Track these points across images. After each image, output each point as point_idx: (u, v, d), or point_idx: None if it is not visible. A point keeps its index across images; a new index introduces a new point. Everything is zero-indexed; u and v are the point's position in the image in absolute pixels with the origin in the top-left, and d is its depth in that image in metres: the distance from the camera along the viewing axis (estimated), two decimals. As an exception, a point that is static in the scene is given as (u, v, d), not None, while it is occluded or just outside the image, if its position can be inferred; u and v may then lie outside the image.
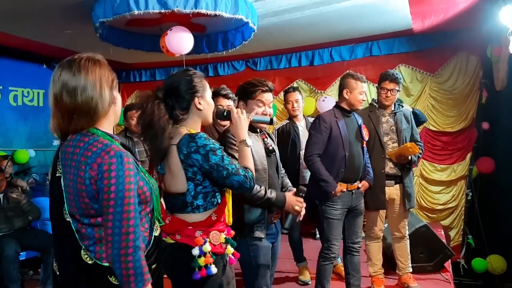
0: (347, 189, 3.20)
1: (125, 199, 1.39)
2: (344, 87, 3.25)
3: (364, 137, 3.28)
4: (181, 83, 1.95)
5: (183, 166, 1.85)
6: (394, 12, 4.51)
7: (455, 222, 5.59)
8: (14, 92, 5.96)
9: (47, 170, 5.98)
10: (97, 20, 3.74)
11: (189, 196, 1.89)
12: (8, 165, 4.90)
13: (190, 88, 1.95)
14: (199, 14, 3.57)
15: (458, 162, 5.52)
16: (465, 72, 5.42)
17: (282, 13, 4.42)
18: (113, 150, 1.42)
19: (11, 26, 4.60)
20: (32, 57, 5.95)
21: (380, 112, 3.59)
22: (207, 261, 1.85)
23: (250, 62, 6.54)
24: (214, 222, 1.92)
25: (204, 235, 1.89)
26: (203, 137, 1.86)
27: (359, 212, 3.32)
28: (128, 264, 1.37)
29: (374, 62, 5.79)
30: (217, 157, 1.84)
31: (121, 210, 1.38)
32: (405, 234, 3.67)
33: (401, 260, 3.69)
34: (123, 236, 1.38)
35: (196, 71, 2.03)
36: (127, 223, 1.38)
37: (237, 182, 1.87)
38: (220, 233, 1.94)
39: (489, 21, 4.20)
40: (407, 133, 3.58)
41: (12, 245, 3.76)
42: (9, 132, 5.93)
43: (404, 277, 3.68)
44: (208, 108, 2.00)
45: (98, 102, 1.47)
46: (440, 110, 5.52)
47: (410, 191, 3.58)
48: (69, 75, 1.47)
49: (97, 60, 1.54)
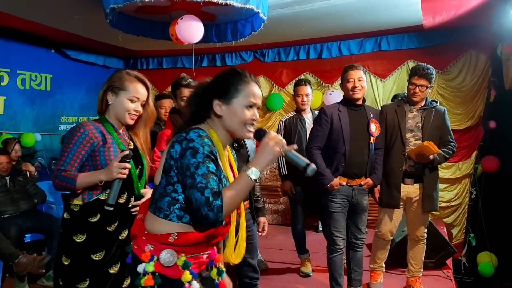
0: (347, 184, 3.18)
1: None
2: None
3: (371, 133, 3.17)
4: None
5: (166, 155, 1.55)
6: (405, 7, 4.48)
7: (458, 220, 5.60)
8: (22, 75, 5.97)
9: (52, 154, 6.02)
10: (107, 6, 3.73)
11: (157, 191, 1.58)
12: (17, 149, 4.93)
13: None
14: (210, 3, 3.56)
15: (463, 160, 5.52)
16: (474, 70, 5.40)
17: (293, 5, 4.40)
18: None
19: (22, 10, 4.61)
20: (41, 41, 5.95)
21: (407, 107, 3.39)
22: (147, 283, 1.50)
23: (258, 53, 6.53)
24: (172, 242, 1.52)
25: (154, 251, 1.53)
26: (200, 134, 1.52)
27: (362, 209, 3.26)
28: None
29: (383, 57, 5.77)
30: (194, 160, 1.46)
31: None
32: (421, 237, 3.49)
33: (413, 263, 3.55)
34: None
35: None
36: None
37: (195, 201, 1.43)
38: (179, 253, 1.54)
39: (500, 19, 4.17)
40: (436, 131, 3.34)
41: (17, 226, 3.80)
42: (16, 115, 5.95)
43: (411, 279, 3.57)
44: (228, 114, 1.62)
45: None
46: (448, 107, 5.42)
47: (431, 193, 3.35)
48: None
49: None
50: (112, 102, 2.15)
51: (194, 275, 1.54)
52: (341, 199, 3.19)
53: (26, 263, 3.55)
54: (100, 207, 2.06)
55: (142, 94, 2.18)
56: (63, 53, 6.47)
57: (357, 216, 3.28)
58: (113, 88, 2.14)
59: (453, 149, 3.37)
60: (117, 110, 2.16)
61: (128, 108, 2.14)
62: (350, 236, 3.30)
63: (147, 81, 2.23)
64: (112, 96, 2.15)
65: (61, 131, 6.57)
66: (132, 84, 2.15)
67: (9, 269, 3.87)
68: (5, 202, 3.99)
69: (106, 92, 2.15)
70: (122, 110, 2.14)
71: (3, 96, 5.74)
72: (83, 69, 6.84)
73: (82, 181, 2.03)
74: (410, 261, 3.57)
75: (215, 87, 1.64)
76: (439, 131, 3.36)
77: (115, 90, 2.14)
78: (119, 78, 2.16)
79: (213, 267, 1.68)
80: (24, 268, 3.56)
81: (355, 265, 3.34)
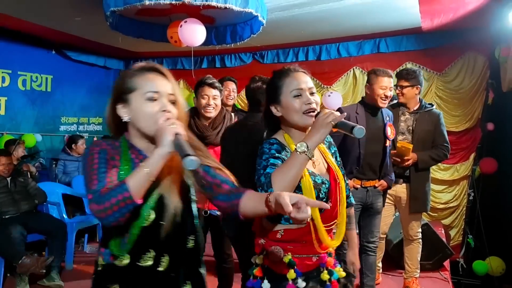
0: (362, 186, 3.14)
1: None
2: (367, 81, 3.17)
3: (388, 136, 3.11)
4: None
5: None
6: (403, 10, 4.51)
7: (456, 222, 5.62)
8: (23, 76, 6.01)
9: (53, 154, 6.05)
10: (107, 9, 3.76)
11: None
12: (21, 150, 4.96)
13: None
14: (209, 6, 3.60)
15: (461, 162, 5.54)
16: (472, 72, 5.42)
17: (292, 8, 4.43)
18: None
19: (23, 12, 4.64)
20: (41, 42, 6.00)
21: (402, 110, 3.47)
22: (257, 273, 1.67)
23: (258, 55, 6.56)
24: (279, 239, 1.65)
25: (266, 246, 1.68)
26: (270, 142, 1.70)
27: (375, 211, 3.20)
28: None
29: (381, 59, 5.79)
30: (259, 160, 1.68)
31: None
32: (414, 236, 3.53)
33: (409, 263, 3.59)
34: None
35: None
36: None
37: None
38: (286, 251, 1.63)
39: (498, 22, 4.19)
40: (427, 135, 3.40)
41: (18, 227, 3.83)
42: (17, 116, 5.99)
43: (409, 280, 3.59)
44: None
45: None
46: (446, 109, 5.52)
47: (417, 194, 3.43)
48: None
49: None
50: (128, 115, 1.43)
51: (299, 273, 1.60)
52: (355, 202, 3.16)
53: (29, 264, 3.58)
54: (119, 276, 1.42)
55: (162, 85, 1.42)
56: (63, 54, 6.50)
57: (371, 218, 3.21)
58: (120, 97, 1.44)
59: (444, 152, 3.38)
60: (140, 124, 1.41)
61: (150, 112, 1.39)
62: (362, 239, 3.21)
63: (162, 67, 1.48)
64: (124, 108, 1.43)
65: (61, 132, 6.62)
66: (142, 76, 1.44)
67: (10, 269, 3.91)
68: (6, 202, 4.02)
69: (114, 107, 1.45)
70: (147, 118, 1.39)
71: (4, 97, 5.78)
72: (84, 70, 6.88)
73: (134, 182, 1.28)
74: (406, 261, 3.60)
75: (267, 95, 1.76)
76: (431, 135, 3.39)
77: (124, 97, 1.43)
78: (122, 81, 1.47)
79: (324, 269, 1.68)
80: (27, 269, 3.60)
81: (367, 270, 3.25)
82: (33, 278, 3.82)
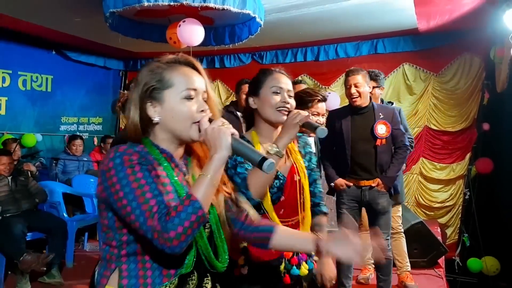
0: (356, 185, 3.18)
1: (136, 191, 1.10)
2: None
3: (377, 135, 3.11)
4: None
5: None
6: (400, 11, 4.56)
7: (452, 220, 5.68)
8: (23, 76, 6.05)
9: (53, 154, 6.10)
10: (107, 10, 3.81)
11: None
12: (17, 148, 5.00)
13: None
14: (207, 7, 3.65)
15: (457, 162, 5.60)
16: (468, 73, 5.47)
17: (289, 9, 4.48)
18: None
19: (23, 12, 4.69)
20: (42, 43, 6.03)
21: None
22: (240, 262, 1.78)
23: (256, 55, 6.60)
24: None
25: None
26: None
27: (379, 211, 3.19)
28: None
29: (379, 59, 5.84)
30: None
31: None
32: (396, 228, 3.61)
33: (398, 259, 3.66)
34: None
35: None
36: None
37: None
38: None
39: (494, 24, 4.23)
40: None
41: (19, 225, 3.87)
42: (18, 116, 6.03)
43: (402, 275, 3.68)
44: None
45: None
46: (442, 109, 5.58)
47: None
48: None
49: None
50: (159, 115, 1.23)
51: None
52: (348, 200, 3.21)
53: (31, 261, 3.63)
54: None
55: (198, 81, 1.27)
56: (63, 55, 6.54)
57: (374, 219, 3.22)
58: (152, 93, 1.23)
59: (404, 151, 3.22)
60: (175, 125, 1.23)
61: (187, 112, 1.22)
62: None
63: (196, 61, 1.32)
64: (156, 107, 1.23)
65: (61, 132, 6.66)
66: (176, 71, 1.26)
67: (12, 266, 3.95)
68: (7, 201, 4.07)
69: (143, 104, 1.23)
70: (183, 120, 1.22)
71: (5, 97, 5.81)
72: (84, 70, 6.92)
73: (202, 195, 1.11)
74: (395, 258, 3.65)
75: (249, 88, 1.87)
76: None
77: (155, 95, 1.23)
78: (151, 75, 1.26)
79: (283, 260, 1.77)
80: (28, 266, 3.65)
81: (382, 274, 3.26)
82: (34, 275, 3.87)
